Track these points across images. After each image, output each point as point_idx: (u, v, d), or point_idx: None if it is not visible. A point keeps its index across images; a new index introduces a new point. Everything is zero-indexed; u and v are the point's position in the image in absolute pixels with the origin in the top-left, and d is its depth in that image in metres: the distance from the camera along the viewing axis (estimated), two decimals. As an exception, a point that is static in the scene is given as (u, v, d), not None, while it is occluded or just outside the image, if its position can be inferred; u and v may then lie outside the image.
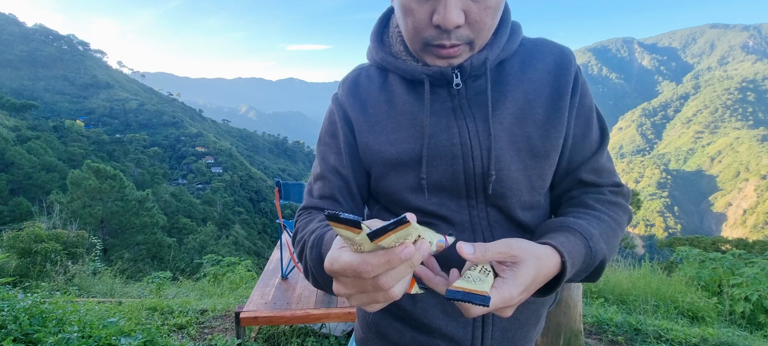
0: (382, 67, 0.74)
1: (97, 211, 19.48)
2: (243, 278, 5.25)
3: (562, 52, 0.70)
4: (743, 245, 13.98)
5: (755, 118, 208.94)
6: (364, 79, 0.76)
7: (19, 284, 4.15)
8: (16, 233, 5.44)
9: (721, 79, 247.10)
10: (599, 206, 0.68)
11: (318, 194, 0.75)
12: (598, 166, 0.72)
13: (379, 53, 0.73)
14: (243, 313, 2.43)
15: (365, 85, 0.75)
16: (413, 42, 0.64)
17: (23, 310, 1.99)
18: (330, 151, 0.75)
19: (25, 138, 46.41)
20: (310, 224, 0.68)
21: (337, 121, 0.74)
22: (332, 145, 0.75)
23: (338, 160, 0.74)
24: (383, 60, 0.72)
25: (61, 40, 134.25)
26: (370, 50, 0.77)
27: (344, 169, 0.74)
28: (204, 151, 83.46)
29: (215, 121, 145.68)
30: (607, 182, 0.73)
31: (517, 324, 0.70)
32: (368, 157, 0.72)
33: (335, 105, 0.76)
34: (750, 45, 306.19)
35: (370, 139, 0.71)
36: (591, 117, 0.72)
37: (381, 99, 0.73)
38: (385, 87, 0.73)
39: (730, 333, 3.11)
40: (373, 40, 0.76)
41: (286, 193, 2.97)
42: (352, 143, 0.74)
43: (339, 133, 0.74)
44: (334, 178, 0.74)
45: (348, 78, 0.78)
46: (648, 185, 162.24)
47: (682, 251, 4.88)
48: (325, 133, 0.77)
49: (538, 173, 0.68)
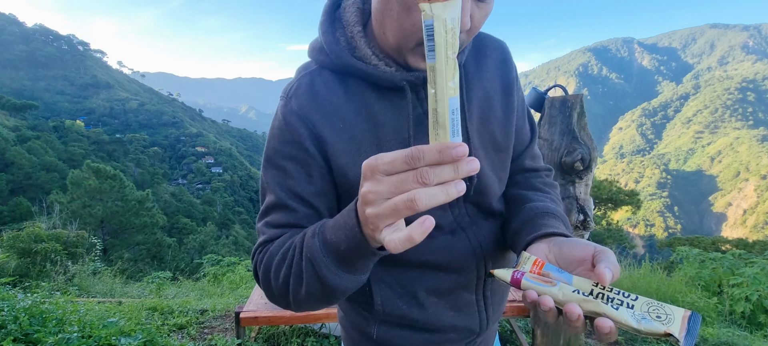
0: (338, 71, 0.65)
1: (97, 211, 19.49)
2: (243, 278, 5.25)
3: (502, 46, 0.74)
4: (743, 245, 14.01)
5: (755, 118, 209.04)
6: (322, 87, 0.65)
7: (19, 284, 4.15)
8: (16, 233, 5.44)
9: (721, 79, 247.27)
10: (548, 190, 0.76)
11: (280, 223, 0.63)
12: (534, 152, 0.81)
13: (342, 57, 0.63)
14: (243, 313, 2.43)
15: (324, 94, 0.64)
16: (407, 40, 0.58)
17: (23, 310, 1.99)
18: (291, 177, 0.63)
19: (25, 138, 46.44)
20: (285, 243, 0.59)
21: (301, 140, 0.62)
22: (294, 169, 0.63)
23: (305, 187, 0.63)
24: (347, 65, 0.63)
25: (61, 40, 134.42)
26: (321, 51, 0.66)
27: (313, 197, 0.63)
28: (204, 151, 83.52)
29: (215, 121, 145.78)
30: (542, 166, 0.81)
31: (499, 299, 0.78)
32: (347, 180, 0.63)
33: (296, 119, 0.63)
34: (750, 45, 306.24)
35: (348, 161, 0.62)
36: (524, 108, 0.78)
37: (350, 110, 0.64)
38: (350, 96, 0.64)
39: (730, 333, 3.11)
40: (330, 39, 0.65)
41: (286, 193, 2.97)
42: (323, 166, 0.64)
43: (307, 154, 0.63)
44: (300, 206, 0.63)
45: (301, 86, 0.65)
46: (648, 185, 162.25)
47: (682, 251, 4.88)
48: (282, 153, 0.64)
49: (503, 166, 0.73)
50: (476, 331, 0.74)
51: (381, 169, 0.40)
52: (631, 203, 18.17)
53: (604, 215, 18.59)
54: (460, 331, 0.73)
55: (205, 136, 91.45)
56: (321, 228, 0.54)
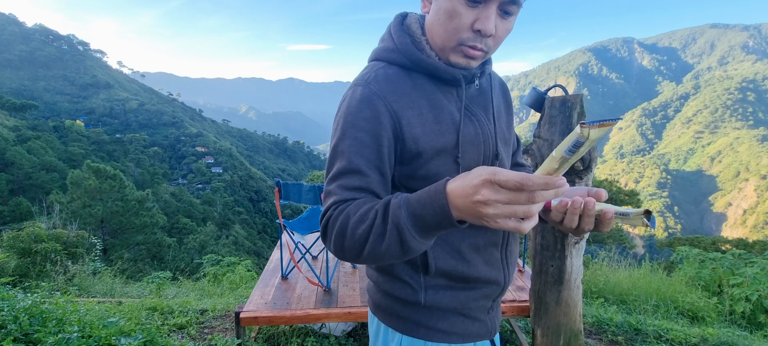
0: (406, 66, 0.83)
1: (97, 211, 19.46)
2: (243, 278, 5.25)
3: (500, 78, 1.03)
4: (743, 245, 13.98)
5: (755, 118, 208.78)
6: (394, 77, 0.82)
7: (19, 284, 4.15)
8: (16, 233, 5.43)
9: (721, 79, 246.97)
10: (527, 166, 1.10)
11: (354, 186, 0.76)
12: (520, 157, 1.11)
13: (415, 54, 0.82)
14: (243, 313, 2.43)
15: (397, 81, 0.82)
16: (449, 40, 0.78)
17: (23, 310, 1.99)
18: (368, 147, 0.77)
19: (25, 138, 46.41)
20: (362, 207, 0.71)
21: (380, 116, 0.78)
22: (371, 141, 0.77)
23: (378, 157, 0.78)
24: (418, 60, 0.82)
25: (61, 40, 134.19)
26: (394, 50, 0.85)
27: (385, 166, 0.79)
28: (204, 151, 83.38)
29: (215, 121, 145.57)
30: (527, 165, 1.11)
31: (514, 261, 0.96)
32: (417, 147, 0.79)
33: (377, 99, 0.79)
34: (750, 45, 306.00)
35: (419, 132, 0.80)
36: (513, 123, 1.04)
37: (416, 95, 0.82)
38: (415, 85, 0.83)
39: (730, 333, 3.11)
40: (405, 41, 0.84)
41: (286, 193, 2.97)
42: (392, 140, 0.79)
43: (383, 129, 0.78)
44: (374, 174, 0.78)
45: (378, 75, 0.82)
46: (648, 185, 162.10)
47: (682, 251, 4.88)
48: (362, 128, 0.77)
49: (507, 155, 0.97)
50: (501, 285, 0.91)
51: (499, 182, 0.54)
52: (631, 203, 18.17)
53: (604, 215, 18.55)
54: (492, 284, 0.89)
55: (205, 136, 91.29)
56: (405, 201, 0.67)
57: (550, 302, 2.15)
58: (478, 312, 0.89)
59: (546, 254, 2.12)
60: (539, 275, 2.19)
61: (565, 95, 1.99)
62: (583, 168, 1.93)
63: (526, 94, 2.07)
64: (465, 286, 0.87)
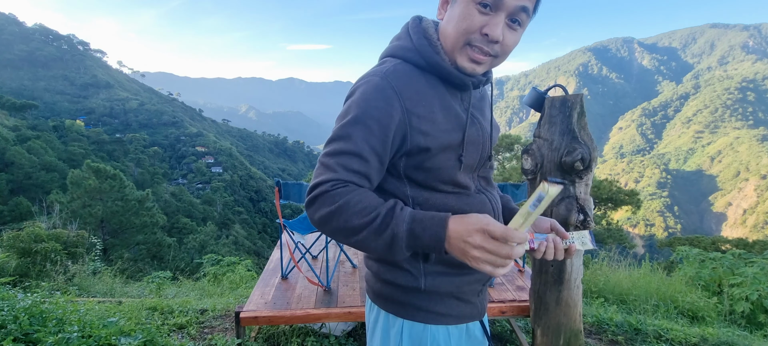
0: (420, 66, 0.88)
1: (97, 211, 19.46)
2: (243, 277, 5.25)
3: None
4: (743, 244, 14.00)
5: (755, 118, 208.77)
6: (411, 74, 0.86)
7: (19, 284, 4.15)
8: (16, 232, 5.42)
9: (721, 79, 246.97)
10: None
11: (354, 169, 0.80)
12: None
13: (432, 56, 0.87)
14: (243, 313, 2.43)
15: (413, 79, 0.86)
16: (459, 40, 0.83)
17: (23, 310, 1.99)
18: (374, 135, 0.81)
19: (25, 138, 46.38)
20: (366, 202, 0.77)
21: (392, 109, 0.81)
22: (379, 130, 0.81)
23: (382, 147, 0.82)
24: (434, 62, 0.87)
25: (61, 40, 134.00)
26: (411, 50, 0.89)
27: (384, 156, 0.84)
28: (204, 151, 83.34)
29: (215, 121, 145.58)
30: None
31: None
32: (426, 142, 0.85)
33: (393, 92, 0.82)
34: (750, 45, 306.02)
35: (430, 127, 0.85)
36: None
37: (430, 95, 0.87)
38: (429, 85, 0.87)
39: (730, 333, 3.11)
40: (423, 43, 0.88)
41: (286, 193, 2.96)
42: (397, 134, 0.83)
43: (393, 121, 0.82)
44: (374, 161, 0.82)
45: (397, 69, 0.86)
46: (648, 185, 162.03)
47: (682, 250, 4.88)
48: (373, 116, 0.81)
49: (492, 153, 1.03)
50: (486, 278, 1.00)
51: (490, 232, 0.67)
52: (631, 202, 18.16)
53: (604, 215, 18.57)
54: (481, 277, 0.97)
55: (205, 136, 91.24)
56: (410, 218, 0.75)
57: (550, 302, 2.15)
58: (470, 295, 0.96)
59: (546, 254, 2.12)
60: (539, 275, 2.19)
61: (565, 95, 1.98)
62: (584, 168, 1.93)
63: (526, 94, 2.07)
64: (460, 271, 0.93)
